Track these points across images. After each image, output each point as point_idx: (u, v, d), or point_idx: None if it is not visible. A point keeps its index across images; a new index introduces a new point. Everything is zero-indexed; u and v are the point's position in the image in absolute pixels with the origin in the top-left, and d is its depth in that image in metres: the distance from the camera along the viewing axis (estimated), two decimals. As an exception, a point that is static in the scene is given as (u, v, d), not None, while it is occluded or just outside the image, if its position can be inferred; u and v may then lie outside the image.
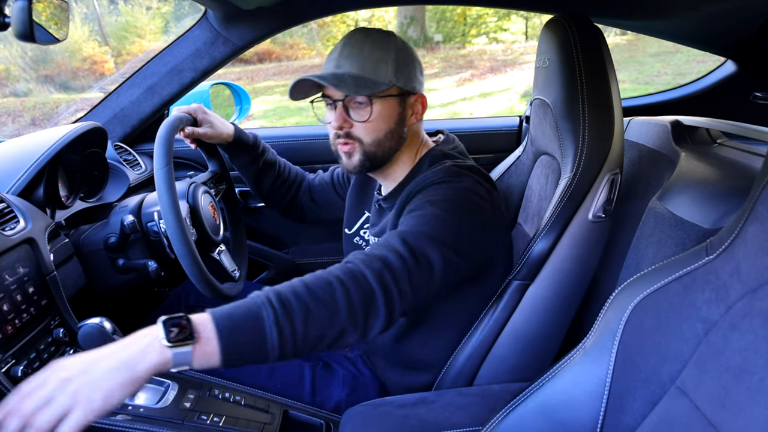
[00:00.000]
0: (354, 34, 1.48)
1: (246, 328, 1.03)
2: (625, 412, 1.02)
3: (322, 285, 1.13)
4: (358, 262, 1.19)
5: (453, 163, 1.49)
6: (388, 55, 1.46)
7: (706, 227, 1.27)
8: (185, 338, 0.98)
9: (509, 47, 13.51)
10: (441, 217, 1.32)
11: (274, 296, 1.08)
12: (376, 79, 1.44)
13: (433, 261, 1.26)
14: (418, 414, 1.37)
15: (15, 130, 9.42)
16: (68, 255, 1.61)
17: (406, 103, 1.52)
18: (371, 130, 1.48)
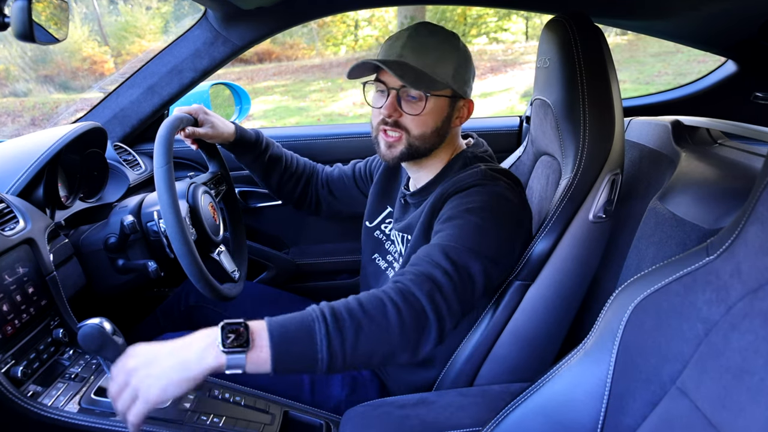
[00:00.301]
0: (421, 28, 1.49)
1: (298, 339, 1.08)
2: (626, 413, 1.02)
3: (375, 303, 1.15)
4: (408, 282, 1.20)
5: (487, 166, 1.50)
6: (450, 56, 1.48)
7: (707, 227, 1.27)
8: (240, 345, 1.05)
9: (509, 47, 13.51)
10: (480, 227, 1.34)
11: (328, 310, 1.11)
12: (435, 77, 1.45)
13: (475, 275, 1.29)
14: (419, 414, 1.37)
15: (15, 130, 9.43)
16: (68, 255, 1.61)
17: (456, 106, 1.54)
18: (419, 123, 1.48)
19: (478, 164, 1.52)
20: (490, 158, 1.61)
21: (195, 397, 1.41)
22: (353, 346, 1.10)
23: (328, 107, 10.48)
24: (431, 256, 1.27)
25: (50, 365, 1.41)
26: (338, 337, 1.09)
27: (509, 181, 1.48)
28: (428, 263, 1.25)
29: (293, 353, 1.08)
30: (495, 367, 1.55)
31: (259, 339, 1.06)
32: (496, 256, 1.34)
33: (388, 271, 1.71)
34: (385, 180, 1.84)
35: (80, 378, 1.40)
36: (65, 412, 1.28)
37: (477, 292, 1.30)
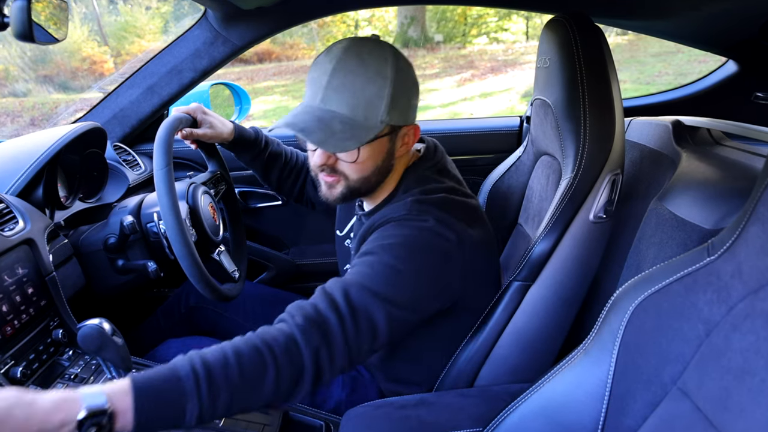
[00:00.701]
0: (345, 58, 1.29)
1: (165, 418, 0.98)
2: (626, 414, 1.02)
3: (255, 362, 1.07)
4: (297, 331, 1.12)
5: (417, 197, 1.38)
6: (382, 90, 1.29)
7: (708, 228, 1.27)
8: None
9: (510, 47, 13.52)
10: (392, 267, 1.24)
11: (204, 382, 1.01)
12: (366, 123, 1.29)
13: (377, 321, 1.20)
14: (419, 415, 1.37)
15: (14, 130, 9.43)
16: (67, 256, 1.61)
17: (397, 137, 1.40)
18: (357, 170, 1.37)
19: (413, 192, 1.41)
20: (438, 174, 1.49)
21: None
22: (225, 410, 1.04)
23: (328, 107, 10.46)
24: (334, 294, 1.19)
25: (50, 366, 1.41)
26: (210, 408, 1.01)
27: (443, 213, 1.35)
28: (328, 304, 1.17)
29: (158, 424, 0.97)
30: (495, 368, 1.55)
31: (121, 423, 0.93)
32: (404, 300, 1.24)
33: None
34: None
35: (80, 378, 1.40)
36: (65, 412, 1.28)
37: (380, 338, 1.21)
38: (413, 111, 1.42)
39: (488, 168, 2.16)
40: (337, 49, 1.30)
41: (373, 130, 1.30)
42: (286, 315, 1.18)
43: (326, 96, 1.29)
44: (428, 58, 13.13)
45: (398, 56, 1.34)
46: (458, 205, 1.42)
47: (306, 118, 1.28)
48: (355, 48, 1.30)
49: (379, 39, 1.36)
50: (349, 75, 1.28)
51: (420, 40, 13.50)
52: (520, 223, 1.93)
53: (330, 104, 1.29)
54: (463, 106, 10.01)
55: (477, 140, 2.67)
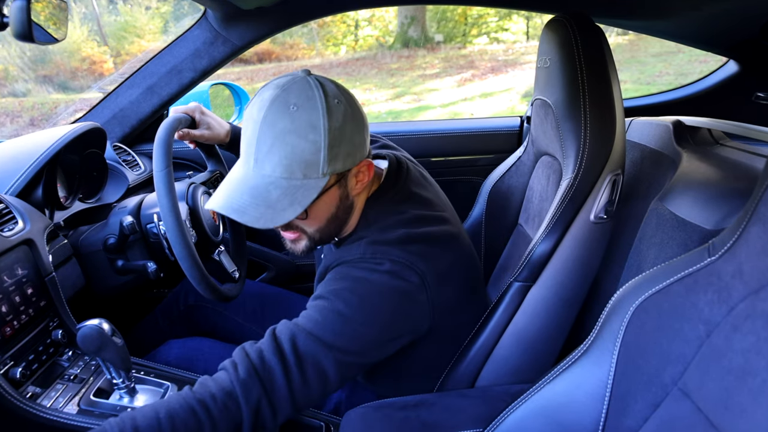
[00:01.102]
0: (271, 117, 1.17)
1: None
2: (627, 414, 1.02)
3: (189, 425, 1.06)
4: (238, 386, 1.11)
5: (373, 238, 1.32)
6: (316, 145, 1.17)
7: (709, 228, 1.26)
8: None
9: (510, 47, 13.52)
10: (343, 316, 1.20)
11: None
12: (306, 182, 1.20)
13: (327, 369, 1.18)
14: (419, 416, 1.37)
15: (13, 130, 9.42)
16: (67, 256, 1.60)
17: (347, 179, 1.30)
18: (311, 223, 1.31)
19: (371, 230, 1.34)
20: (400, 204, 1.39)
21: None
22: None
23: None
24: (281, 340, 1.17)
25: (49, 366, 1.41)
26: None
27: (401, 254, 1.29)
28: (274, 351, 1.15)
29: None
30: (496, 369, 1.55)
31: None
32: (356, 349, 1.21)
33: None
34: None
35: (79, 379, 1.40)
36: (64, 413, 1.28)
37: (330, 383, 1.20)
38: (360, 149, 1.27)
39: (488, 168, 2.16)
40: (263, 102, 1.19)
41: (316, 188, 1.21)
42: (229, 364, 1.15)
43: (258, 160, 1.19)
44: (428, 58, 13.13)
45: (329, 95, 1.20)
46: (419, 238, 1.33)
47: (240, 192, 1.21)
48: (281, 99, 1.17)
49: (308, 75, 1.23)
50: (279, 135, 1.16)
51: (420, 40, 13.51)
52: (521, 223, 1.92)
53: (264, 169, 1.19)
54: (464, 106, 10.01)
55: (477, 140, 2.66)
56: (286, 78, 1.21)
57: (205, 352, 1.71)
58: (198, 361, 1.67)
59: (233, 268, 1.77)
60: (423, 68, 12.28)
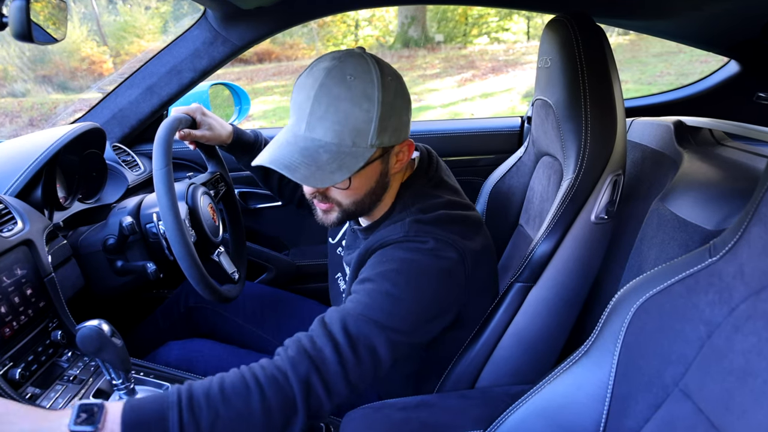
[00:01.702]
0: (329, 81, 1.21)
1: (151, 426, 1.00)
2: (628, 415, 1.02)
3: (239, 389, 1.06)
4: (287, 361, 1.11)
5: (416, 217, 1.34)
6: (370, 114, 1.22)
7: (710, 229, 1.26)
8: (90, 423, 0.96)
9: (511, 47, 13.53)
10: (392, 295, 1.21)
11: (186, 397, 1.03)
12: (354, 150, 1.23)
13: (379, 349, 1.18)
14: (420, 417, 1.36)
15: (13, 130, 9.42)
16: (66, 257, 1.60)
17: (389, 156, 1.33)
18: (349, 195, 1.33)
19: (410, 210, 1.37)
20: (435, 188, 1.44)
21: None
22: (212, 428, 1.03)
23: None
24: (331, 325, 1.17)
25: (48, 367, 1.41)
26: (192, 425, 1.01)
27: (441, 233, 1.31)
28: (324, 335, 1.15)
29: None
30: (496, 370, 1.55)
31: (111, 422, 0.97)
32: (407, 327, 1.22)
33: (344, 294, 1.58)
34: None
35: (79, 380, 1.40)
36: (63, 414, 1.27)
37: (383, 364, 1.19)
38: (405, 127, 1.33)
39: (489, 169, 2.15)
40: (319, 71, 1.22)
41: (363, 157, 1.24)
42: (281, 348, 1.16)
43: (310, 124, 1.22)
44: (429, 58, 13.14)
45: (385, 72, 1.25)
46: (458, 219, 1.38)
47: (290, 150, 1.23)
48: (338, 69, 1.21)
49: (364, 52, 1.28)
50: (334, 101, 1.20)
51: (420, 40, 13.51)
52: (521, 224, 1.92)
53: (315, 133, 1.22)
54: (464, 107, 10.01)
55: (478, 141, 2.66)
56: (341, 52, 1.26)
57: (204, 353, 1.71)
58: (198, 363, 1.67)
59: (233, 269, 1.77)
60: (423, 68, 12.29)
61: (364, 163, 1.24)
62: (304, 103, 1.22)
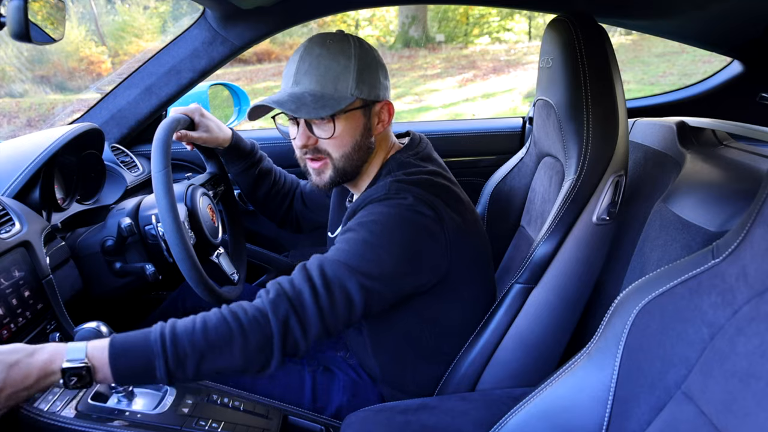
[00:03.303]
0: (310, 46, 1.41)
1: (138, 372, 1.15)
2: (630, 418, 1.02)
3: (220, 328, 1.18)
4: (267, 304, 1.22)
5: (398, 177, 1.43)
6: (347, 67, 1.40)
7: (712, 230, 1.26)
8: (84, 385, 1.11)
9: (512, 47, 13.53)
10: (367, 242, 1.30)
11: (170, 341, 1.15)
12: (336, 95, 1.39)
13: (352, 293, 1.26)
14: (420, 419, 1.36)
15: (10, 131, 9.41)
16: (64, 258, 1.60)
17: (371, 113, 1.47)
18: (337, 145, 1.43)
19: (395, 174, 1.46)
20: (421, 161, 1.51)
21: (194, 402, 1.39)
22: (195, 373, 1.17)
23: (328, 108, 10.46)
24: (310, 269, 1.27)
25: (47, 369, 1.40)
26: (179, 368, 1.15)
27: (423, 192, 1.39)
28: (303, 277, 1.26)
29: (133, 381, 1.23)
30: (497, 372, 1.54)
31: (99, 376, 1.12)
32: (380, 274, 1.30)
33: None
34: (341, 191, 1.78)
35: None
36: (62, 417, 1.26)
37: (356, 310, 1.28)
38: (384, 89, 1.48)
39: (490, 169, 2.15)
40: (304, 43, 1.43)
41: (344, 101, 1.39)
42: (262, 291, 1.26)
43: (297, 80, 1.40)
44: (430, 58, 13.14)
45: (360, 41, 1.45)
46: (440, 187, 1.45)
47: (279, 96, 1.39)
48: (319, 36, 1.43)
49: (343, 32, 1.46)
50: (315, 59, 1.39)
51: (421, 40, 13.51)
52: (523, 225, 1.92)
53: (301, 85, 1.39)
54: (465, 107, 10.02)
55: (479, 141, 2.66)
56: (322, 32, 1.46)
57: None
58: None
59: (232, 270, 1.76)
60: (424, 68, 12.29)
61: (345, 105, 1.39)
62: (290, 68, 1.42)
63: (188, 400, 1.40)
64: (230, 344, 1.17)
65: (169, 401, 1.37)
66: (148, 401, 1.37)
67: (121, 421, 1.28)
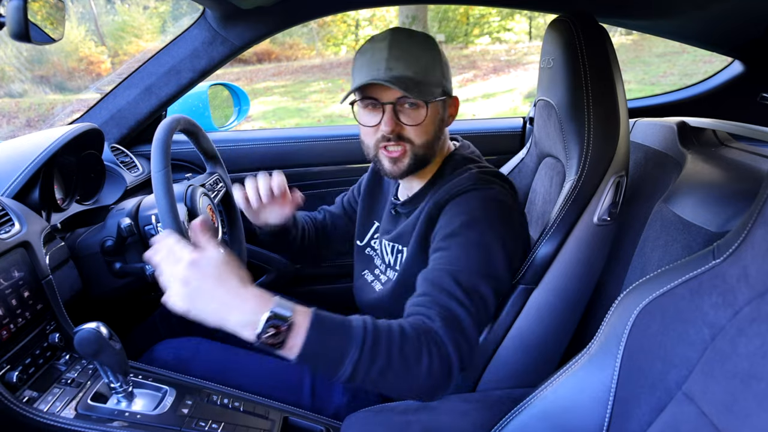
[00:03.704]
0: (398, 35, 1.42)
1: (329, 352, 1.10)
2: (631, 419, 1.02)
3: (414, 347, 1.14)
4: (439, 330, 1.19)
5: (478, 168, 1.47)
6: (435, 59, 1.43)
7: (713, 230, 1.26)
8: (273, 344, 1.05)
9: (513, 47, 13.53)
10: (482, 244, 1.32)
11: (371, 337, 1.11)
12: (429, 82, 1.41)
13: (486, 297, 1.28)
14: (420, 420, 1.36)
15: (10, 131, 9.42)
16: (64, 258, 1.59)
17: (446, 106, 1.51)
18: (422, 132, 1.44)
19: (469, 166, 1.49)
20: (478, 159, 1.57)
21: (193, 402, 1.39)
22: (374, 378, 1.12)
23: (328, 108, 10.47)
24: (444, 285, 1.26)
25: (46, 370, 1.40)
26: (367, 365, 1.10)
27: (502, 183, 1.46)
28: (446, 295, 1.24)
29: (318, 361, 1.10)
30: (498, 372, 1.54)
31: (293, 339, 1.06)
32: (500, 271, 1.34)
33: (373, 283, 1.68)
34: (369, 198, 1.80)
35: (76, 383, 1.38)
36: (61, 417, 1.27)
37: (489, 313, 1.31)
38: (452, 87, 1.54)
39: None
40: (384, 33, 1.43)
41: (436, 90, 1.43)
42: (421, 316, 1.22)
43: (389, 66, 1.38)
44: (430, 58, 13.09)
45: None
46: (508, 183, 1.51)
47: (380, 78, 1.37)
48: (401, 29, 1.44)
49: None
50: (405, 46, 1.40)
51: (421, 40, 13.48)
52: (523, 225, 1.92)
53: (395, 71, 1.37)
54: (466, 107, 10.01)
55: (479, 142, 2.61)
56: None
57: (201, 351, 1.69)
58: (195, 361, 1.66)
59: (232, 270, 1.75)
60: (424, 68, 12.24)
61: (438, 95, 1.44)
62: (378, 54, 1.40)
63: (188, 400, 1.40)
64: (419, 363, 1.14)
65: (169, 402, 1.37)
66: (147, 402, 1.37)
67: (121, 421, 1.28)
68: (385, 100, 1.40)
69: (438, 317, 1.20)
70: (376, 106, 1.43)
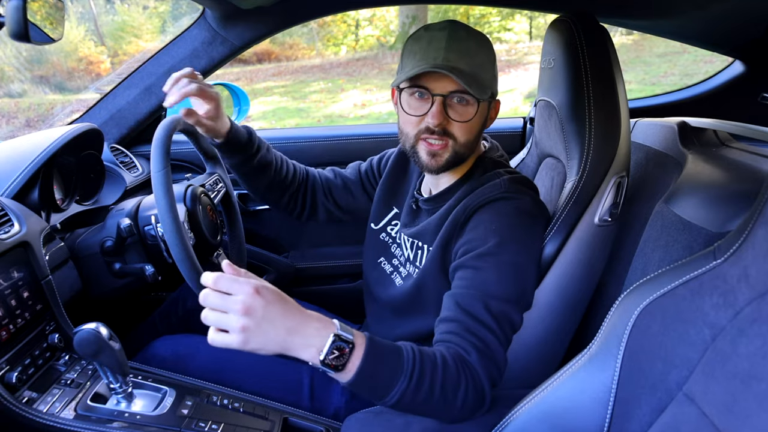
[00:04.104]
0: (456, 28, 1.39)
1: (380, 383, 1.13)
2: (631, 419, 1.01)
3: (453, 381, 1.18)
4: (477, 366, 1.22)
5: (509, 175, 1.45)
6: (490, 58, 1.43)
7: (714, 231, 1.26)
8: (335, 367, 1.07)
9: (513, 47, 13.50)
10: (516, 266, 1.34)
11: (418, 367, 1.14)
12: (483, 80, 1.40)
13: (516, 323, 1.32)
14: (420, 421, 1.35)
15: (9, 131, 9.40)
16: (64, 259, 1.59)
17: (490, 107, 1.49)
18: (467, 130, 1.41)
19: (499, 171, 1.47)
20: (506, 162, 1.56)
21: (193, 403, 1.39)
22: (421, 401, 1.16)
23: (328, 108, 10.45)
24: (475, 311, 1.27)
25: (46, 371, 1.40)
26: (412, 393, 1.14)
27: (533, 192, 1.46)
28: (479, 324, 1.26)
29: (369, 385, 1.13)
30: (498, 373, 1.54)
31: (353, 362, 1.09)
32: (529, 288, 1.38)
33: (393, 276, 1.65)
34: (392, 179, 1.76)
35: (76, 384, 1.38)
36: (61, 418, 1.27)
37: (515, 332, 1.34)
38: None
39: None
40: (443, 24, 1.40)
41: (488, 90, 1.42)
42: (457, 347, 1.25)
43: (447, 57, 1.35)
44: (430, 58, 13.09)
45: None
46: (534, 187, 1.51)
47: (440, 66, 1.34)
48: (458, 23, 1.41)
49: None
50: (464, 41, 1.38)
51: (422, 40, 13.47)
52: (523, 225, 1.91)
53: (453, 63, 1.35)
54: (465, 107, 9.97)
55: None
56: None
57: (201, 350, 1.69)
58: (194, 360, 1.65)
59: (232, 271, 1.75)
60: (424, 68, 12.23)
61: (488, 95, 1.41)
62: (435, 43, 1.37)
63: (188, 401, 1.40)
64: (456, 394, 1.18)
65: (169, 402, 1.37)
66: (147, 402, 1.37)
67: (121, 422, 1.28)
68: (436, 91, 1.37)
69: (473, 349, 1.23)
70: (424, 96, 1.39)
